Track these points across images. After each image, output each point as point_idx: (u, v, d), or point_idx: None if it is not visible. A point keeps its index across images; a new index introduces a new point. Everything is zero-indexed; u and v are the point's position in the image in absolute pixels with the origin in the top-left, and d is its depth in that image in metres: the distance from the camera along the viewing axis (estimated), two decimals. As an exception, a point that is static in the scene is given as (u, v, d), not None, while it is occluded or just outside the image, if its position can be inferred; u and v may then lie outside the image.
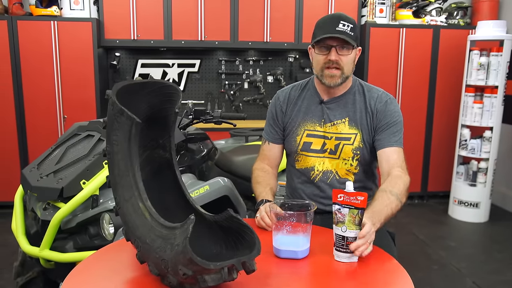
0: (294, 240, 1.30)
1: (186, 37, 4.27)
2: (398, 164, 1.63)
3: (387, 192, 1.52)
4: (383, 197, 1.50)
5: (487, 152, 4.03)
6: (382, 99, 1.73)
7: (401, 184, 1.55)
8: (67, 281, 1.17)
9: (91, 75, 4.08)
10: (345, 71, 1.66)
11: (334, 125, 1.73)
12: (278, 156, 1.87)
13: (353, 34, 1.62)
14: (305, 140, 1.76)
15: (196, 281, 1.04)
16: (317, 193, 1.77)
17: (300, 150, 1.77)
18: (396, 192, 1.52)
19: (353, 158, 1.72)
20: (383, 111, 1.71)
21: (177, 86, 1.27)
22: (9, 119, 4.02)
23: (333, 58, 1.63)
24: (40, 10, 4.00)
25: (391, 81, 4.40)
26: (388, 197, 1.50)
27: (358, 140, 1.71)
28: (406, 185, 1.57)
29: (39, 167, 2.10)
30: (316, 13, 4.19)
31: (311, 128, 1.75)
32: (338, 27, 1.61)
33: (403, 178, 1.58)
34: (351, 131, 1.72)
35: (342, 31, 1.60)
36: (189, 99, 4.74)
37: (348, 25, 1.62)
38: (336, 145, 1.72)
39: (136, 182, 1.19)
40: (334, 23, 1.61)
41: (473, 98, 4.06)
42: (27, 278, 2.23)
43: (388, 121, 1.70)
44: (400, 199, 1.52)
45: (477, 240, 3.81)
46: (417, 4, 4.42)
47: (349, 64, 1.67)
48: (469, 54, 4.06)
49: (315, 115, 1.76)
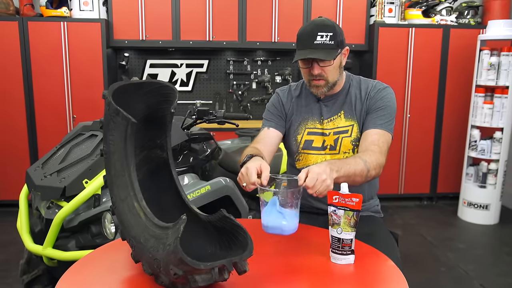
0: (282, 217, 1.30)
1: (194, 38, 4.28)
2: (375, 143, 1.63)
3: (357, 157, 1.55)
4: (351, 158, 1.54)
5: (497, 153, 3.97)
6: (377, 86, 1.74)
7: (373, 156, 1.57)
8: (63, 280, 1.18)
9: (100, 76, 4.12)
10: (330, 80, 1.68)
11: (331, 121, 1.75)
12: (274, 141, 1.78)
13: (333, 43, 1.62)
14: (306, 138, 1.77)
15: (187, 281, 1.04)
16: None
17: (302, 149, 1.78)
18: (366, 159, 1.54)
19: (353, 150, 1.72)
20: (375, 97, 1.71)
21: (174, 86, 1.27)
22: (19, 119, 4.09)
23: (315, 72, 1.65)
24: (50, 11, 4.05)
25: (400, 82, 4.36)
26: (356, 160, 1.52)
27: (356, 131, 1.72)
28: (378, 161, 1.57)
29: (43, 166, 2.13)
30: (324, 13, 4.18)
31: (312, 126, 1.77)
32: (316, 40, 1.60)
33: (377, 154, 1.58)
34: (348, 123, 1.73)
35: (320, 44, 1.60)
36: (197, 99, 4.76)
37: (327, 35, 1.61)
38: (335, 140, 1.73)
39: (131, 182, 1.19)
40: (312, 36, 1.61)
41: (483, 98, 4.01)
42: (33, 276, 2.26)
43: (378, 106, 1.70)
44: (367, 167, 1.52)
45: (486, 242, 3.76)
46: (426, 4, 4.38)
47: (333, 72, 1.68)
48: (479, 54, 4.01)
49: (314, 114, 1.77)
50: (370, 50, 4.40)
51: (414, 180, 4.52)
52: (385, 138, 1.66)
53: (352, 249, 1.28)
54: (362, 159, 1.53)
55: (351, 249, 1.28)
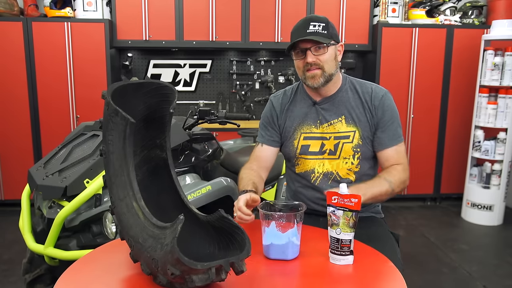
0: (284, 241, 1.29)
1: (198, 38, 4.29)
2: (398, 162, 1.69)
3: (382, 178, 1.61)
4: (376, 180, 1.61)
5: (501, 154, 3.95)
6: (378, 94, 1.72)
7: (397, 175, 1.63)
8: (62, 279, 1.18)
9: (103, 76, 4.13)
10: (326, 69, 1.66)
11: (331, 125, 1.72)
12: (269, 158, 1.82)
13: (326, 32, 1.63)
14: (302, 143, 1.75)
15: (185, 280, 1.04)
16: (318, 196, 1.75)
17: (299, 154, 1.76)
18: (391, 180, 1.60)
19: (353, 156, 1.71)
20: (381, 107, 1.71)
21: (173, 86, 1.28)
22: (23, 119, 4.11)
23: (310, 60, 1.64)
24: (54, 12, 4.07)
25: (404, 82, 4.35)
26: (381, 181, 1.60)
27: (357, 137, 1.71)
28: (402, 179, 1.64)
29: (45, 166, 2.14)
30: (328, 13, 4.17)
31: (308, 130, 1.75)
32: (308, 29, 1.62)
33: (401, 173, 1.66)
34: (349, 129, 1.71)
35: (313, 32, 1.62)
36: (201, 99, 4.76)
37: (320, 25, 1.63)
38: (336, 145, 1.71)
39: (130, 181, 1.20)
40: (305, 26, 1.63)
41: (487, 98, 3.99)
42: (35, 275, 2.26)
43: (387, 119, 1.70)
44: (392, 187, 1.60)
45: (490, 243, 3.74)
46: (430, 4, 4.36)
47: (330, 62, 1.66)
48: (483, 54, 3.99)
49: (310, 118, 1.75)
50: (373, 50, 4.39)
51: (417, 180, 4.50)
52: (402, 150, 1.72)
53: (351, 249, 1.28)
54: (387, 180, 1.61)
55: (350, 249, 1.28)
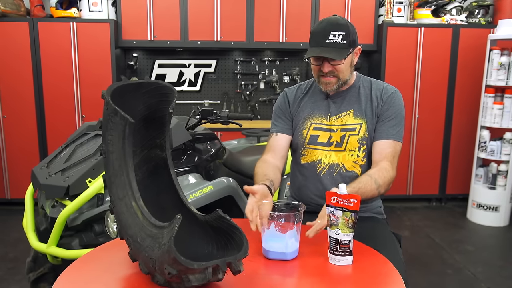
0: (283, 241, 1.29)
1: (202, 38, 4.29)
2: (388, 158, 1.70)
3: (372, 179, 1.62)
4: (366, 183, 1.60)
5: (507, 154, 3.92)
6: (388, 90, 1.77)
7: (386, 176, 1.65)
8: (61, 278, 1.19)
9: (108, 76, 4.15)
10: (341, 77, 1.70)
11: (340, 117, 1.76)
12: (284, 147, 1.84)
13: (345, 42, 1.63)
14: (312, 133, 1.78)
15: (181, 280, 1.05)
16: (322, 189, 1.75)
17: (307, 144, 1.79)
18: (380, 183, 1.62)
19: (359, 148, 1.73)
20: (388, 102, 1.74)
21: (172, 86, 1.28)
22: (29, 119, 4.14)
23: (326, 70, 1.67)
24: (60, 12, 4.10)
25: (409, 82, 4.33)
26: (370, 184, 1.60)
27: (364, 130, 1.73)
28: (390, 179, 1.66)
29: (48, 166, 2.15)
30: (333, 13, 4.14)
31: (318, 121, 1.78)
32: (328, 39, 1.63)
33: (389, 172, 1.66)
34: (356, 121, 1.74)
35: (332, 43, 1.62)
36: (205, 99, 4.77)
37: (340, 34, 1.63)
38: (342, 137, 1.74)
39: (129, 181, 1.20)
40: (325, 34, 1.63)
41: (493, 99, 3.95)
42: (39, 274, 2.28)
43: (390, 113, 1.73)
44: (379, 190, 1.63)
45: (496, 244, 3.71)
46: (436, 3, 4.34)
47: (345, 70, 1.70)
48: (490, 53, 3.96)
49: (321, 110, 1.79)
50: (378, 50, 4.37)
51: (422, 181, 4.48)
52: (396, 148, 1.73)
53: (350, 250, 1.27)
54: (376, 183, 1.61)
55: (349, 250, 1.27)
